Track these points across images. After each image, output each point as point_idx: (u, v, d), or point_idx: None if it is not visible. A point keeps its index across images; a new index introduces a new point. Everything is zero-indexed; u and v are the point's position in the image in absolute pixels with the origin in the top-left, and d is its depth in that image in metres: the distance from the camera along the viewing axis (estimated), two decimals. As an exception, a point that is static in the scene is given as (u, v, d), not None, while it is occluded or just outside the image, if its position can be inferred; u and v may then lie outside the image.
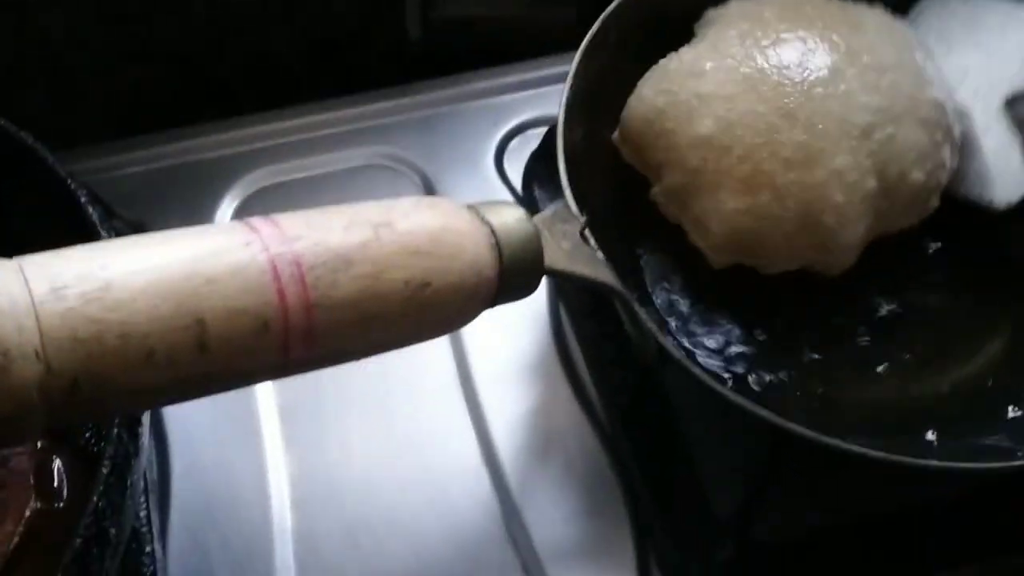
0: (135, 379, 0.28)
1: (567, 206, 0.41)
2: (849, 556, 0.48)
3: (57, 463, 0.41)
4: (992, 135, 0.51)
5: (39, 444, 0.42)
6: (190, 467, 0.50)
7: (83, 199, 0.41)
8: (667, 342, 0.42)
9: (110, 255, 0.28)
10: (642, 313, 0.41)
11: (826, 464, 0.44)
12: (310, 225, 0.32)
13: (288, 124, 0.62)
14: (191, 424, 0.52)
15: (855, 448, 0.40)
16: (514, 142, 0.62)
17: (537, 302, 0.56)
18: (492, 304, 0.36)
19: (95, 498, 0.35)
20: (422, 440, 0.52)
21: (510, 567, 0.48)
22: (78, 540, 0.34)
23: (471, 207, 0.36)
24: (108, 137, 0.61)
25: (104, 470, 0.36)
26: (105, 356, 0.27)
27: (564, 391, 0.53)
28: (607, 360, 0.53)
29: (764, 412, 0.41)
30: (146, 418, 0.40)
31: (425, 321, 0.34)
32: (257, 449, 0.51)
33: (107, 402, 0.28)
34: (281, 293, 0.30)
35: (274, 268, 0.30)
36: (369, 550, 0.48)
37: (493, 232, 0.35)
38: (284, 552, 0.48)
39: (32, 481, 0.40)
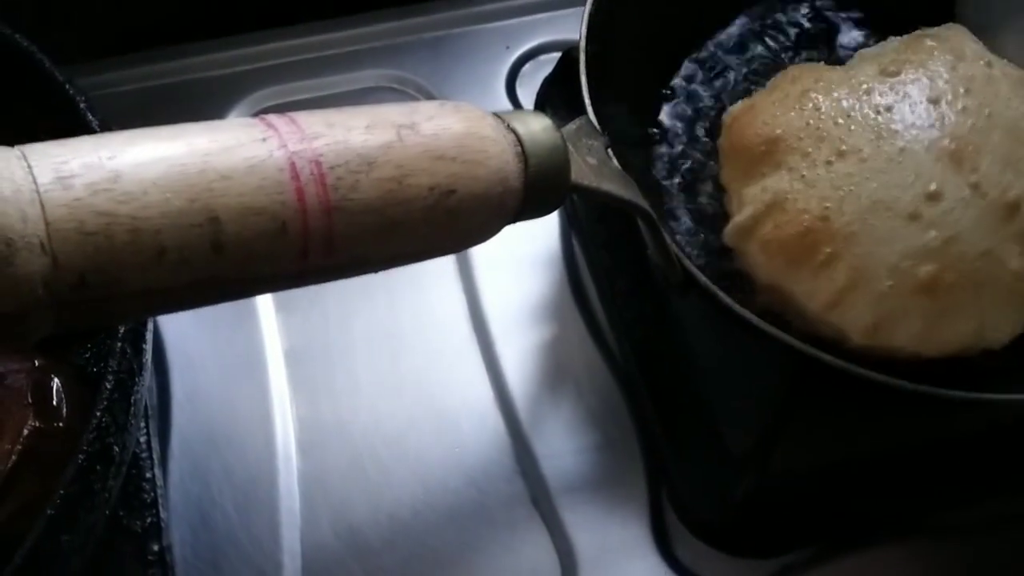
0: (146, 278, 0.26)
1: (590, 122, 0.39)
2: (867, 492, 0.47)
3: (56, 382, 0.40)
4: None
5: (37, 363, 0.40)
6: (191, 394, 0.49)
7: (82, 105, 0.39)
8: (691, 266, 0.40)
9: (119, 145, 0.27)
10: (668, 235, 0.39)
11: (849, 395, 0.43)
12: (329, 124, 0.30)
13: (292, 43, 0.59)
14: (192, 350, 0.50)
15: (879, 377, 0.39)
16: (527, 66, 0.60)
17: (550, 233, 0.55)
18: (515, 219, 0.35)
19: (98, 413, 0.34)
20: (431, 373, 0.50)
21: (519, 499, 0.47)
22: (80, 456, 0.33)
23: (495, 114, 0.34)
24: (104, 54, 0.58)
25: (107, 385, 0.34)
26: (115, 252, 0.26)
27: (576, 324, 0.52)
28: (621, 292, 0.52)
29: (788, 338, 0.40)
30: (149, 335, 0.38)
31: (448, 231, 0.32)
32: (260, 377, 0.50)
33: (117, 303, 0.27)
34: (300, 193, 0.28)
35: (292, 166, 0.28)
36: (376, 479, 0.47)
37: (519, 140, 0.33)
38: (288, 480, 0.47)
39: (30, 399, 0.39)
